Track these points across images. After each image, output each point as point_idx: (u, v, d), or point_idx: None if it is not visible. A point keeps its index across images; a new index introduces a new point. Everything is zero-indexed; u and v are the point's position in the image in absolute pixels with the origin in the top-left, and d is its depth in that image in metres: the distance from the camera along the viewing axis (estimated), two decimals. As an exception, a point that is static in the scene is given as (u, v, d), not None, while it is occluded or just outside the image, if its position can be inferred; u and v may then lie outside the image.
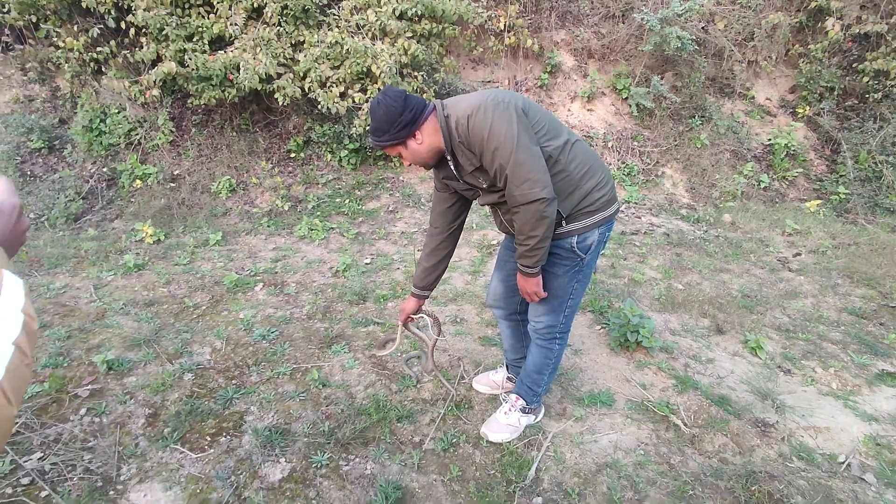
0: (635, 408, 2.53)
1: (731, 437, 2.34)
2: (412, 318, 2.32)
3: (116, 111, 5.39)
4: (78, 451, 2.17)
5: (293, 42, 5.06)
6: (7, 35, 5.39)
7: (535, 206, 1.66)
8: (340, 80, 4.97)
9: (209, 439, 2.27)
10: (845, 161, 6.45)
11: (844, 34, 6.57)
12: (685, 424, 2.39)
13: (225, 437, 2.29)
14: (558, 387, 2.68)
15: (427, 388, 2.64)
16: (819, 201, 6.12)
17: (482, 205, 1.97)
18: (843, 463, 2.33)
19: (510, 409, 2.33)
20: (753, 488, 1.98)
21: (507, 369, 2.60)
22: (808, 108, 6.93)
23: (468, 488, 2.07)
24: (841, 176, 6.49)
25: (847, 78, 6.79)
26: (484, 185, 1.82)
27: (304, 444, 2.24)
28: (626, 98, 6.44)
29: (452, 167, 1.85)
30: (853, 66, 6.70)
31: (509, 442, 2.29)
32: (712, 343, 3.23)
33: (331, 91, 4.91)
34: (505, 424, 2.32)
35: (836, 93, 6.84)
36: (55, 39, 5.09)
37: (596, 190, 1.85)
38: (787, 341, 3.35)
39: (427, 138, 1.77)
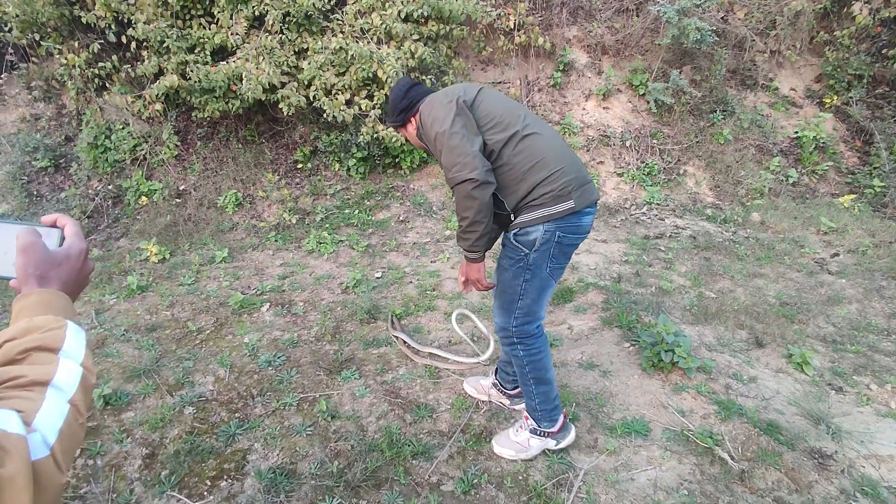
0: (674, 438, 2.29)
1: (786, 472, 2.09)
2: None
3: (121, 127, 5.29)
4: (68, 500, 2.01)
5: (296, 49, 4.90)
6: (11, 54, 5.33)
7: (464, 187, 1.74)
8: (346, 86, 4.80)
9: (209, 483, 2.09)
10: (879, 152, 6.10)
11: (873, 18, 6.21)
12: (732, 458, 2.15)
13: (226, 480, 2.11)
14: (587, 414, 2.45)
15: (444, 420, 2.44)
16: (853, 196, 5.78)
17: None
18: (912, 497, 2.07)
19: (520, 428, 2.24)
20: (818, 537, 1.74)
21: (496, 374, 2.52)
22: (835, 97, 6.58)
23: (492, 538, 1.86)
24: (875, 168, 6.13)
25: (877, 65, 6.42)
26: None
27: (311, 488, 2.05)
28: (644, 94, 6.16)
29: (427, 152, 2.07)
30: (883, 51, 6.33)
31: (536, 481, 2.08)
32: (752, 358, 2.97)
33: (336, 99, 4.73)
34: (513, 441, 2.22)
35: (865, 81, 6.47)
36: (57, 57, 5.00)
37: (542, 185, 1.82)
38: (834, 354, 3.07)
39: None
